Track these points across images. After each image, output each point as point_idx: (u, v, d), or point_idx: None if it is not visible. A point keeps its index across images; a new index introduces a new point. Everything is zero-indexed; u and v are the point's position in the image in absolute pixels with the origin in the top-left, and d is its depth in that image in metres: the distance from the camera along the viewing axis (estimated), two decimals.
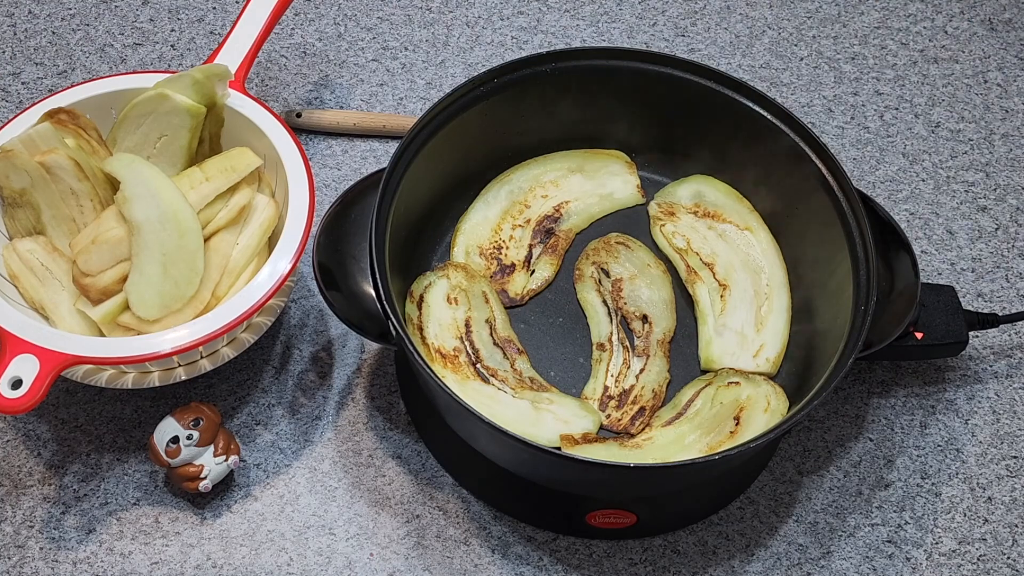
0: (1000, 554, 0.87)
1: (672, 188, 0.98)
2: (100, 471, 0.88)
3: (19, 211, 0.89)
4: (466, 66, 1.13)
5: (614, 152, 0.99)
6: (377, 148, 1.07)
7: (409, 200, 0.89)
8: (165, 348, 0.81)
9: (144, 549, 0.85)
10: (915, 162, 1.08)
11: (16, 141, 0.87)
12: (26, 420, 0.90)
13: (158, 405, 0.91)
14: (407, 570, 0.85)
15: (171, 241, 0.85)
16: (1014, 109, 1.12)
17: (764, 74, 1.14)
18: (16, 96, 1.08)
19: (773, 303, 0.92)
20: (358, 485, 0.88)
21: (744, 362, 0.89)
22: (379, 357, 0.95)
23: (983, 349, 0.97)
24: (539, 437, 0.84)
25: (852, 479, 0.90)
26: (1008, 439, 0.93)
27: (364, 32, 1.15)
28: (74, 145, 0.89)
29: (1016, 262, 1.02)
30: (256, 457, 0.89)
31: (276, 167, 0.91)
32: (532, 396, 0.87)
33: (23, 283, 0.87)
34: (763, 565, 0.86)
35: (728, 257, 0.94)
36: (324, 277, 0.83)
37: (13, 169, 0.86)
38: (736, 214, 0.96)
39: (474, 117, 0.92)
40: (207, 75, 0.90)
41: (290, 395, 0.92)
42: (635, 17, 1.18)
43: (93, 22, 1.14)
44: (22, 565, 0.84)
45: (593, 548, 0.87)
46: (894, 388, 0.95)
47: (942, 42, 1.17)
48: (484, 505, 0.88)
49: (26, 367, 0.79)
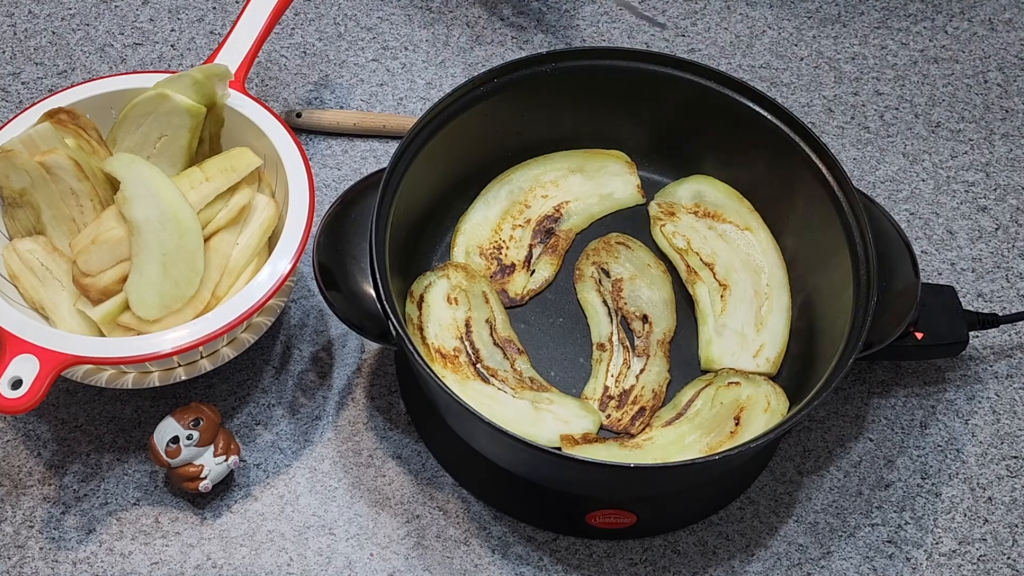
0: (1000, 554, 0.87)
1: (672, 188, 0.98)
2: (100, 471, 0.88)
3: (19, 211, 0.89)
4: (466, 66, 1.13)
5: (614, 152, 0.99)
6: (377, 148, 1.07)
7: (409, 200, 0.89)
8: (165, 348, 0.81)
9: (144, 549, 0.85)
10: (915, 162, 1.08)
11: (16, 141, 0.87)
12: (26, 420, 0.90)
13: (158, 405, 0.91)
14: (407, 570, 0.85)
15: (171, 241, 0.85)
16: (1014, 109, 1.12)
17: (764, 74, 1.14)
18: (16, 96, 1.08)
19: (773, 303, 0.92)
20: (358, 485, 0.88)
21: (744, 362, 0.89)
22: (379, 357, 0.95)
23: (983, 349, 0.97)
24: (539, 437, 0.84)
25: (852, 479, 0.90)
26: (1008, 439, 0.93)
27: (364, 32, 1.15)
28: (74, 145, 0.89)
29: (1016, 262, 1.02)
30: (256, 457, 0.89)
31: (276, 167, 0.91)
32: (532, 396, 0.87)
33: (23, 283, 0.87)
34: (763, 565, 0.86)
35: (728, 257, 0.94)
36: (324, 277, 0.83)
37: (13, 169, 0.86)
38: (736, 214, 0.96)
39: (474, 117, 0.92)
40: (207, 75, 0.90)
41: (290, 395, 0.92)
42: (635, 17, 1.18)
43: (93, 22, 1.14)
44: (22, 565, 0.84)
45: (593, 548, 0.87)
46: (894, 388, 0.95)
47: (942, 42, 1.17)
48: (484, 505, 0.88)
49: (26, 367, 0.79)
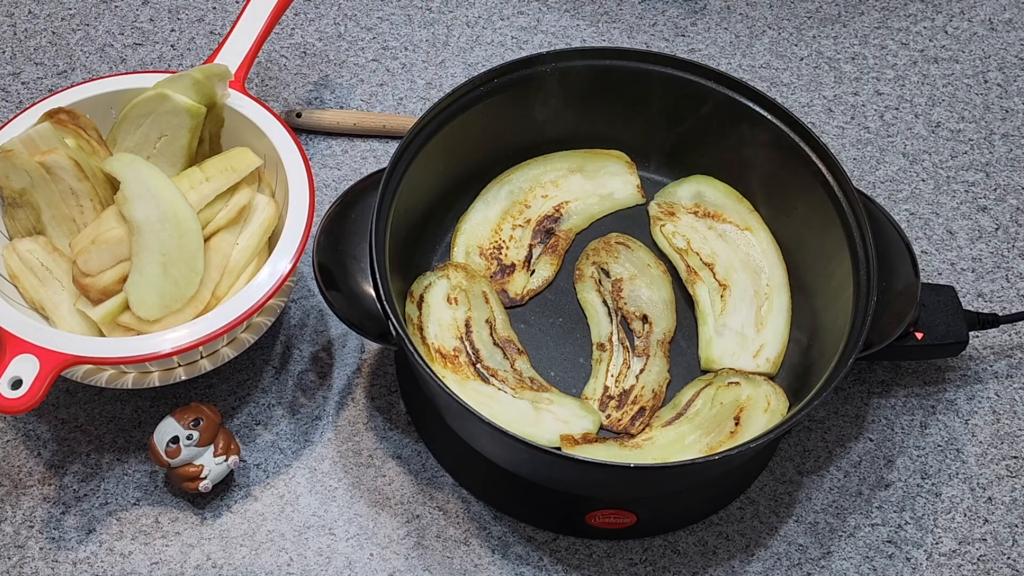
0: (1000, 554, 0.87)
1: (672, 188, 0.98)
2: (100, 471, 0.88)
3: (19, 211, 0.89)
4: (466, 66, 1.13)
5: (614, 152, 0.99)
6: (377, 148, 1.07)
7: (409, 200, 0.89)
8: (165, 348, 0.81)
9: (144, 549, 0.85)
10: (915, 162, 1.08)
11: (16, 141, 0.87)
12: (26, 420, 0.90)
13: (158, 405, 0.91)
14: (407, 570, 0.85)
15: (171, 241, 0.85)
16: (1014, 109, 1.12)
17: (764, 74, 1.14)
18: (16, 96, 1.08)
19: (773, 303, 0.92)
20: (358, 485, 0.88)
21: (744, 362, 0.89)
22: (379, 357, 0.95)
23: (983, 349, 0.97)
24: (539, 437, 0.84)
25: (852, 479, 0.90)
26: (1008, 439, 0.93)
27: (364, 32, 1.15)
28: (74, 145, 0.89)
29: (1016, 262, 1.02)
30: (256, 457, 0.89)
31: (276, 167, 0.91)
32: (532, 396, 0.87)
33: (23, 283, 0.87)
34: (763, 565, 0.86)
35: (728, 257, 0.94)
36: (324, 277, 0.83)
37: (13, 169, 0.86)
38: (736, 214, 0.96)
39: (474, 117, 0.92)
40: (207, 75, 0.90)
41: (290, 395, 0.92)
42: (635, 17, 1.18)
43: (93, 22, 1.14)
44: (22, 565, 0.84)
45: (593, 548, 0.87)
46: (894, 388, 0.95)
47: (942, 42, 1.17)
48: (484, 505, 0.88)
49: (26, 367, 0.78)
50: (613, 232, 0.97)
